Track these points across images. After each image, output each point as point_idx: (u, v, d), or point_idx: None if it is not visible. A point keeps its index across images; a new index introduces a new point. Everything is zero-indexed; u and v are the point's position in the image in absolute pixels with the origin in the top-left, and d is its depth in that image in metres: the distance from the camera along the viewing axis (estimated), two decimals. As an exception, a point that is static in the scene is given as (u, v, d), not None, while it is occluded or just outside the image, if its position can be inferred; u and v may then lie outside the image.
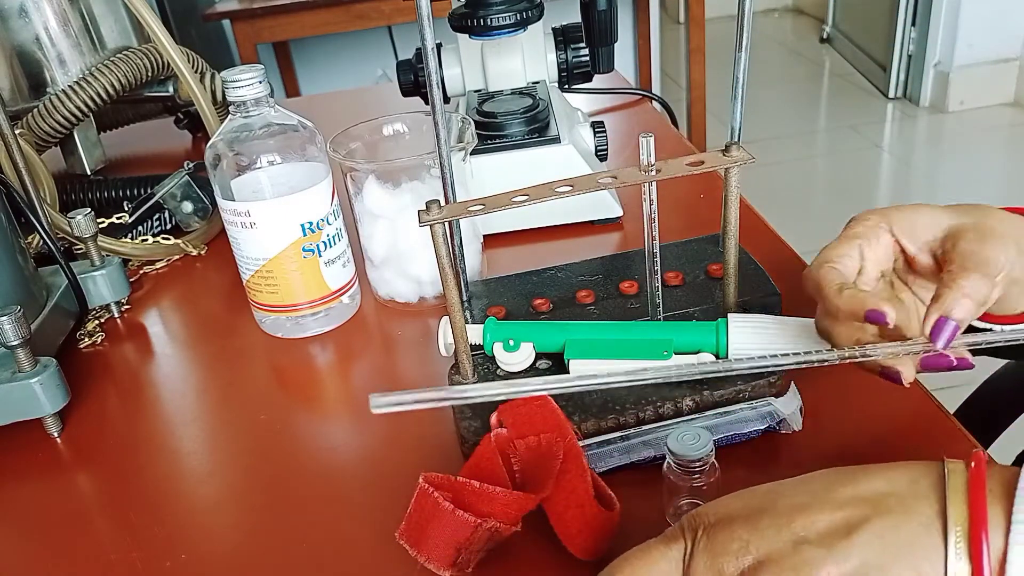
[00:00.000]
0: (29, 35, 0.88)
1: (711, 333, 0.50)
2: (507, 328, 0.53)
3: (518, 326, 0.53)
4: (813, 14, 4.39)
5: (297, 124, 0.64)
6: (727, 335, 0.50)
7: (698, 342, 0.51)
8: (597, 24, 0.86)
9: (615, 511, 0.42)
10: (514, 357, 0.52)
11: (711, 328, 0.51)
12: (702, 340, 0.51)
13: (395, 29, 2.88)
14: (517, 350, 0.52)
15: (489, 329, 0.53)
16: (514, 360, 0.52)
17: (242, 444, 0.57)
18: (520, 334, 0.53)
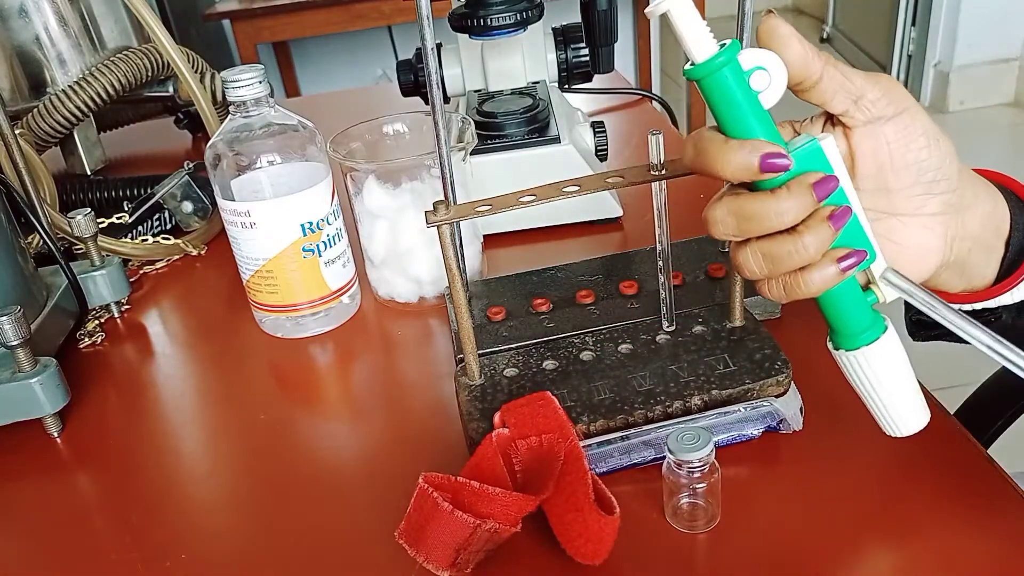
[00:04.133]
0: (29, 35, 0.88)
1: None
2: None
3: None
4: (813, 14, 4.39)
5: (297, 124, 0.64)
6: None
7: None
8: (597, 24, 0.86)
9: (615, 516, 0.42)
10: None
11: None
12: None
13: (395, 29, 2.88)
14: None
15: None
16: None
17: (242, 444, 0.57)
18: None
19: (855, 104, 0.37)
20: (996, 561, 0.41)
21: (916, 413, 0.42)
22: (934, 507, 0.44)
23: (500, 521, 0.41)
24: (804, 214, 0.35)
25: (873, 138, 0.37)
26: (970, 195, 0.40)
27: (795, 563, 0.42)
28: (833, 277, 0.36)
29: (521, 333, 0.57)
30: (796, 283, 0.36)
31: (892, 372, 0.41)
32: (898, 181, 0.37)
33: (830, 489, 0.47)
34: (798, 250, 0.35)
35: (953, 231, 0.39)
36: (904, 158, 0.37)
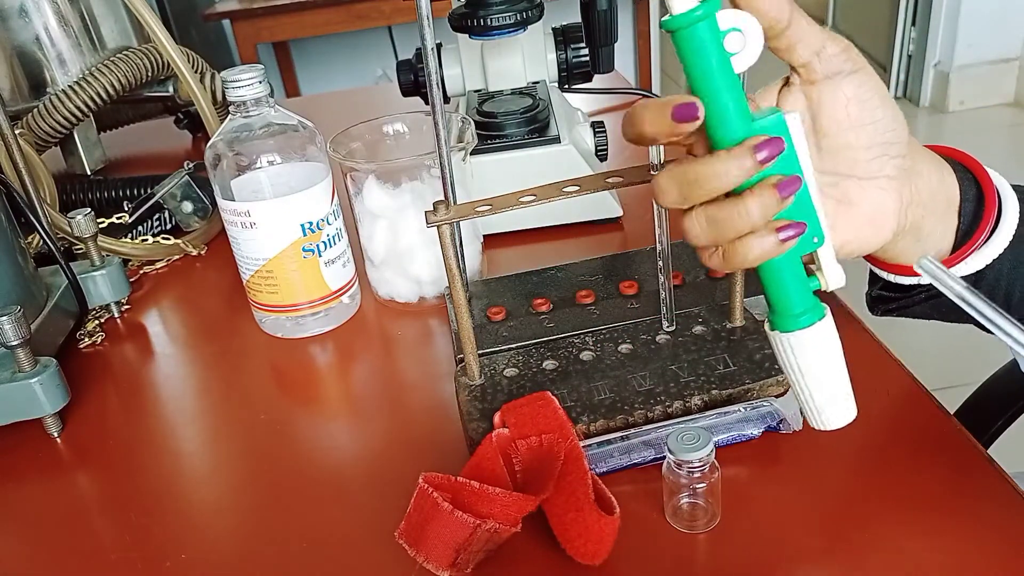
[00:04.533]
0: (29, 35, 0.88)
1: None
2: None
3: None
4: (813, 14, 4.37)
5: (297, 124, 0.64)
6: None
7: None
8: (597, 24, 0.86)
9: (615, 516, 0.42)
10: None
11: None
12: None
13: (395, 29, 2.88)
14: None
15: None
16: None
17: (242, 444, 0.57)
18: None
19: (817, 56, 0.37)
20: (996, 561, 0.41)
21: (841, 408, 0.41)
22: (934, 507, 0.44)
23: (500, 521, 0.41)
24: (745, 176, 0.35)
25: (833, 93, 0.38)
26: (920, 161, 0.40)
27: (795, 563, 0.42)
28: (772, 247, 0.36)
29: (521, 333, 0.57)
30: (735, 251, 0.36)
31: (823, 361, 0.40)
32: (857, 139, 0.38)
33: (830, 489, 0.47)
34: (740, 214, 0.35)
35: (907, 196, 0.39)
36: (861, 116, 0.38)
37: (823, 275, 0.39)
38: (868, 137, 0.38)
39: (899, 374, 0.55)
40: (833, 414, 0.41)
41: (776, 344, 0.40)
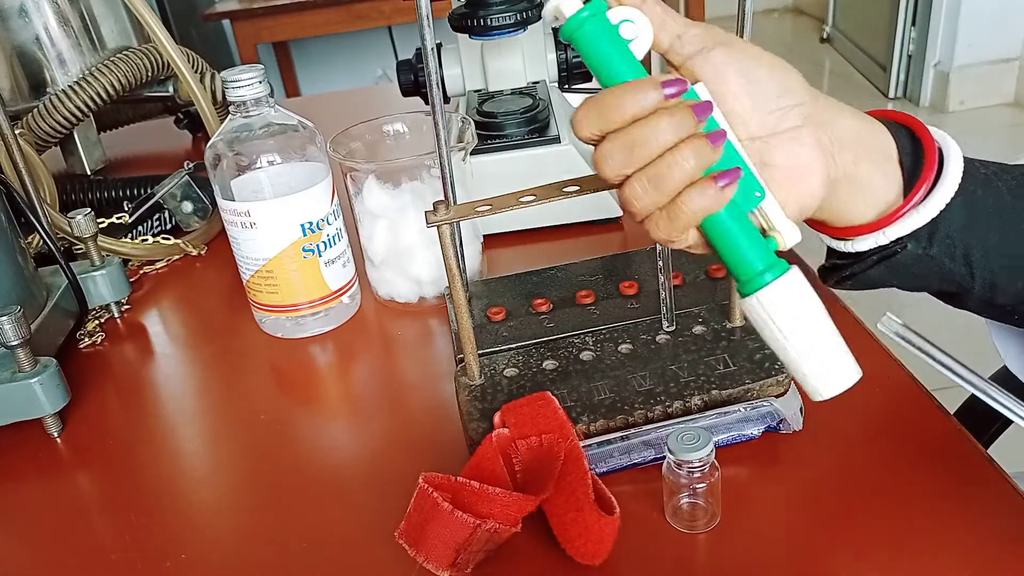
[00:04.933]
0: (29, 35, 0.88)
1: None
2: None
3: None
4: (813, 14, 4.39)
5: (297, 124, 0.64)
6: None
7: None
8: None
9: (615, 516, 0.42)
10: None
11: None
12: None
13: (395, 29, 2.88)
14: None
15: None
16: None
17: (242, 444, 0.57)
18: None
19: (679, 39, 0.39)
20: (996, 561, 0.41)
21: (837, 371, 0.38)
22: (934, 507, 0.44)
23: (500, 521, 0.41)
24: (684, 132, 0.36)
25: (706, 66, 0.39)
26: (829, 109, 0.40)
27: (795, 563, 0.42)
28: (714, 195, 0.36)
29: (521, 333, 0.57)
30: (678, 208, 0.37)
31: (801, 318, 0.38)
32: (748, 102, 0.39)
33: (830, 489, 0.47)
34: (677, 162, 0.36)
35: (826, 141, 0.39)
36: (740, 79, 0.39)
37: (777, 233, 0.39)
38: (756, 97, 0.39)
39: (899, 374, 0.55)
40: (830, 379, 0.38)
41: (752, 314, 0.39)
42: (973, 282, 0.42)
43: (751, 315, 0.39)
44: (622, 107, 0.36)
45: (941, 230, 0.41)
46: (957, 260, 0.42)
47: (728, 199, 0.37)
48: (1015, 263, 0.42)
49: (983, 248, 0.42)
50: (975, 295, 0.43)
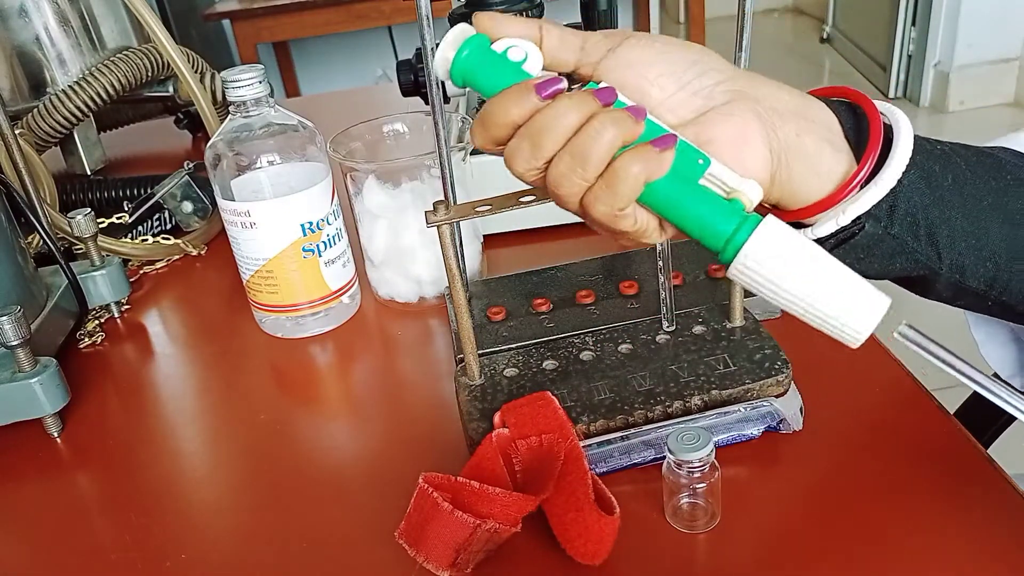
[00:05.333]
0: (29, 35, 0.88)
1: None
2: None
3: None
4: (813, 14, 4.39)
5: (297, 124, 0.64)
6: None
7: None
8: (597, 24, 0.86)
9: (615, 516, 0.42)
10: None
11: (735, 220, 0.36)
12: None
13: (395, 29, 2.88)
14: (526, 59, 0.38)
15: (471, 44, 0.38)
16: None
17: (242, 444, 0.57)
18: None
19: (582, 51, 0.39)
20: (996, 561, 0.41)
21: (861, 301, 0.35)
22: (934, 507, 0.44)
23: (500, 521, 0.41)
24: (588, 110, 0.35)
25: (617, 65, 0.38)
26: (760, 82, 0.39)
27: (795, 563, 0.42)
28: (654, 159, 0.35)
29: (521, 333, 0.57)
30: (616, 175, 0.35)
31: (795, 263, 0.35)
32: (664, 89, 0.38)
33: (830, 489, 0.47)
34: (596, 129, 0.35)
35: (761, 111, 0.38)
36: (655, 65, 0.38)
37: (738, 193, 0.36)
38: (677, 79, 0.38)
39: (899, 374, 0.55)
40: (859, 313, 0.35)
41: (744, 279, 0.36)
42: (940, 263, 0.41)
43: (744, 282, 0.36)
44: (503, 112, 0.36)
45: (901, 207, 0.40)
46: (921, 239, 0.40)
47: (669, 163, 0.35)
48: (981, 243, 0.41)
49: (948, 227, 0.40)
50: (943, 278, 0.42)
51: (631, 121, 0.35)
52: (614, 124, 0.35)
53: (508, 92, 0.36)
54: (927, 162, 0.41)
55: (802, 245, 0.35)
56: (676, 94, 0.38)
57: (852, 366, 0.56)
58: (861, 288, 0.35)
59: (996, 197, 0.41)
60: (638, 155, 0.35)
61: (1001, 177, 0.42)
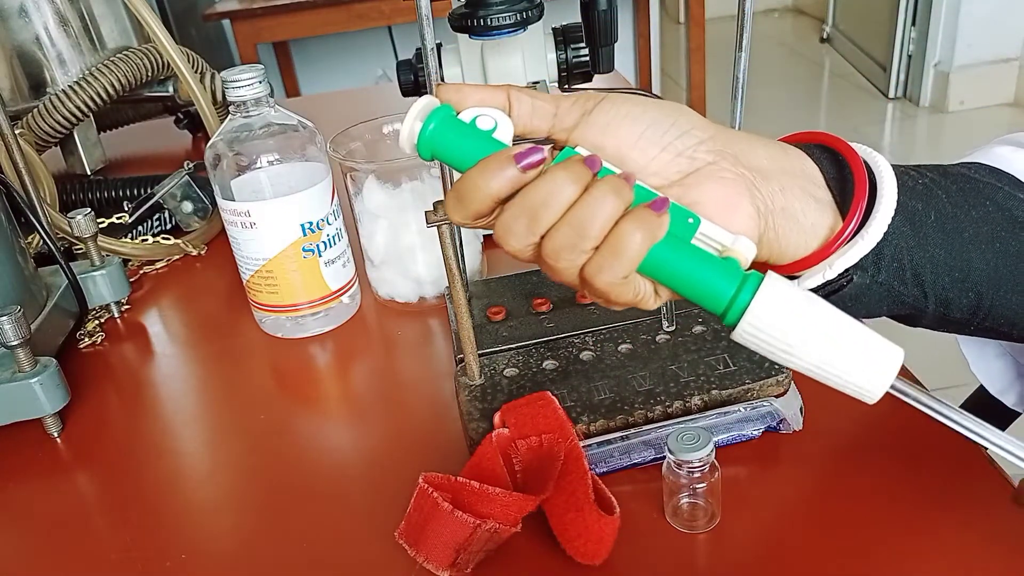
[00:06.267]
0: (29, 35, 0.88)
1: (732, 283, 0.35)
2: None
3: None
4: (813, 14, 4.39)
5: (297, 124, 0.64)
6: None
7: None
8: (597, 24, 0.86)
9: (615, 516, 0.42)
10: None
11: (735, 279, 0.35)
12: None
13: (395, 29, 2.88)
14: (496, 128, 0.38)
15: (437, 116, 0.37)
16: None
17: (242, 444, 0.57)
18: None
19: (555, 118, 0.38)
20: (996, 561, 0.41)
21: (877, 355, 0.34)
22: (934, 507, 0.44)
23: (500, 521, 0.41)
24: (585, 183, 0.34)
25: (592, 129, 0.37)
26: (739, 140, 0.39)
27: (795, 563, 0.42)
28: (653, 222, 0.34)
29: (521, 333, 0.57)
30: (618, 244, 0.34)
31: (804, 322, 0.34)
32: (645, 153, 0.37)
33: (830, 489, 0.47)
34: (597, 200, 0.34)
35: (744, 171, 0.38)
36: (633, 127, 0.37)
37: (732, 252, 0.36)
38: (657, 141, 0.37)
39: (899, 374, 0.55)
40: (875, 368, 0.34)
41: (754, 343, 0.35)
42: (926, 302, 0.41)
43: (752, 344, 0.35)
44: (482, 185, 0.34)
45: (887, 254, 0.39)
46: (908, 283, 0.40)
47: (667, 225, 0.34)
48: (964, 275, 0.41)
49: (932, 266, 0.40)
50: (929, 314, 0.42)
51: (627, 188, 0.34)
52: (614, 192, 0.34)
53: (486, 164, 0.35)
54: (910, 201, 0.40)
55: (808, 302, 0.34)
56: (658, 156, 0.37)
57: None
58: (876, 344, 0.34)
59: (977, 227, 0.41)
60: (638, 220, 0.34)
61: (981, 205, 0.42)
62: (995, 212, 0.42)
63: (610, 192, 0.34)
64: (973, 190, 0.42)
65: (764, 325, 0.34)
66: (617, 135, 0.37)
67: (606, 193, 0.34)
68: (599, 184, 0.34)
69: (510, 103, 0.37)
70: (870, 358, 0.34)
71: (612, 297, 0.36)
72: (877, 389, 0.34)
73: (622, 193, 0.34)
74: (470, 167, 0.35)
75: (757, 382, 0.50)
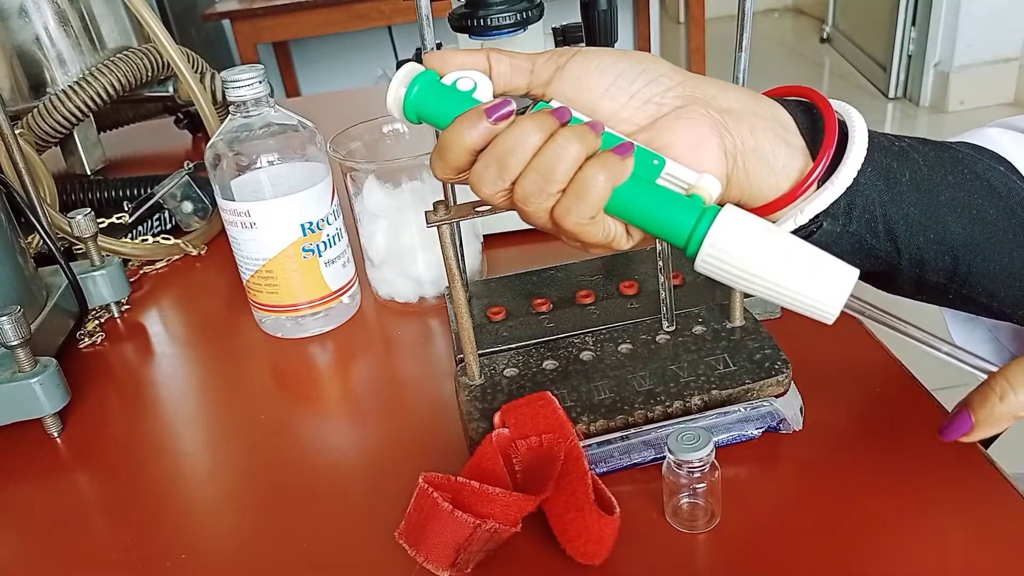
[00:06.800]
0: (29, 35, 0.88)
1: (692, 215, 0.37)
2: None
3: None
4: (813, 14, 4.39)
5: (297, 124, 0.64)
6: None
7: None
8: (597, 24, 0.86)
9: (615, 516, 0.42)
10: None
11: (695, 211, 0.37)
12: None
13: (395, 29, 2.88)
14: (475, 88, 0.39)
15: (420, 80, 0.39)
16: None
17: (242, 444, 0.57)
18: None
19: (532, 74, 0.40)
20: (996, 561, 0.41)
21: (830, 276, 0.35)
22: (934, 507, 0.44)
23: (500, 521, 0.41)
24: (549, 131, 0.36)
25: (565, 82, 0.39)
26: (710, 84, 0.40)
27: (795, 563, 0.42)
28: (617, 164, 0.36)
29: (521, 333, 0.57)
30: (584, 185, 0.36)
31: (760, 246, 0.35)
32: (616, 100, 0.39)
33: (830, 489, 0.47)
34: (561, 146, 0.36)
35: (714, 113, 0.39)
36: (604, 77, 0.39)
37: (697, 189, 0.37)
38: (627, 89, 0.39)
39: (899, 374, 0.55)
40: (830, 288, 0.35)
41: (712, 270, 0.36)
42: (900, 258, 0.41)
43: (712, 272, 0.36)
44: (458, 138, 0.37)
45: (859, 204, 0.40)
46: (880, 236, 0.41)
47: (631, 168, 0.36)
48: (939, 237, 0.41)
49: (906, 223, 0.41)
50: (904, 272, 0.42)
51: (591, 134, 0.36)
52: (577, 138, 0.36)
53: (461, 119, 0.37)
54: (884, 158, 0.41)
55: (764, 228, 0.36)
56: (627, 104, 0.39)
57: (852, 366, 0.56)
58: (828, 263, 0.35)
59: (953, 192, 0.42)
60: (601, 163, 0.36)
61: (958, 172, 0.43)
62: (972, 180, 0.43)
63: (573, 138, 0.36)
64: (951, 158, 0.43)
65: (721, 253, 0.36)
66: (588, 86, 0.39)
67: (570, 139, 0.36)
68: (563, 131, 0.36)
69: (490, 65, 0.40)
70: (825, 277, 0.35)
71: (583, 238, 0.38)
72: (833, 306, 0.35)
73: (585, 139, 0.36)
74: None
75: (757, 382, 0.50)
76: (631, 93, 0.39)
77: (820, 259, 0.35)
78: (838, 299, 0.35)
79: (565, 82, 0.39)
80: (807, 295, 0.35)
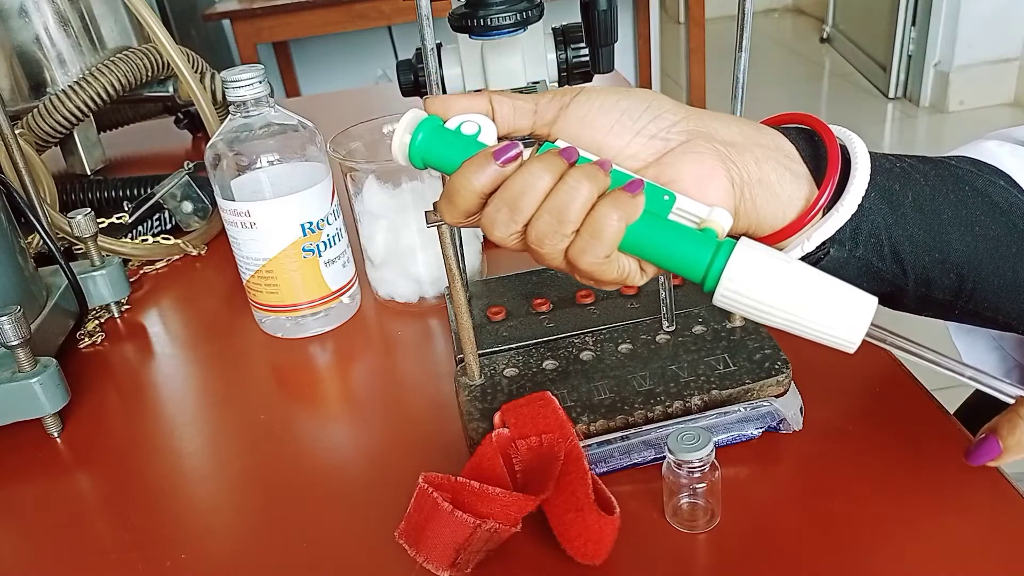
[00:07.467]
0: (29, 35, 0.88)
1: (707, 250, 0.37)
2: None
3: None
4: (813, 14, 4.39)
5: (297, 124, 0.64)
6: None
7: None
8: (597, 24, 0.86)
9: (615, 516, 0.42)
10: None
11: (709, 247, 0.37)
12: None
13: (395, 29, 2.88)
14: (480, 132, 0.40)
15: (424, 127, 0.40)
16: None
17: (242, 444, 0.57)
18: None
19: (536, 115, 0.40)
20: (996, 561, 0.41)
21: (850, 306, 0.35)
22: (934, 507, 0.44)
23: (500, 521, 0.41)
24: (559, 172, 0.36)
25: (570, 122, 0.39)
26: (712, 118, 0.40)
27: (794, 563, 0.42)
28: (629, 203, 0.36)
29: (521, 333, 0.57)
30: (597, 225, 0.36)
31: (778, 280, 0.35)
32: (620, 138, 0.39)
33: (830, 489, 0.47)
34: (572, 187, 0.36)
35: (719, 146, 0.39)
36: (608, 115, 0.39)
37: (709, 223, 0.37)
38: (631, 126, 0.39)
39: (899, 374, 0.55)
40: (849, 319, 0.35)
41: (731, 305, 0.36)
42: (906, 279, 0.42)
43: (731, 307, 0.37)
44: (467, 183, 0.37)
45: (864, 229, 0.40)
46: (886, 259, 0.41)
47: (643, 205, 0.36)
48: (944, 256, 0.42)
49: (911, 244, 0.41)
50: (910, 292, 0.43)
51: (601, 173, 0.36)
52: (588, 178, 0.36)
53: (469, 163, 0.37)
54: (887, 181, 0.41)
55: (780, 261, 0.36)
56: (633, 140, 0.39)
57: (852, 366, 0.56)
58: (847, 294, 0.36)
59: (956, 210, 0.42)
60: (614, 201, 0.36)
61: (960, 189, 0.43)
62: (974, 196, 0.43)
63: (584, 178, 0.36)
64: (952, 176, 0.43)
65: (739, 287, 0.36)
66: (594, 125, 0.39)
67: (580, 179, 0.36)
68: (573, 172, 0.36)
69: (492, 107, 0.40)
70: (844, 308, 0.35)
71: (598, 276, 0.38)
72: (854, 337, 0.36)
73: (596, 178, 0.36)
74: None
75: (757, 382, 0.50)
76: (636, 130, 0.39)
77: (839, 290, 0.36)
78: (859, 329, 0.35)
79: (570, 121, 0.39)
80: (828, 327, 0.36)
